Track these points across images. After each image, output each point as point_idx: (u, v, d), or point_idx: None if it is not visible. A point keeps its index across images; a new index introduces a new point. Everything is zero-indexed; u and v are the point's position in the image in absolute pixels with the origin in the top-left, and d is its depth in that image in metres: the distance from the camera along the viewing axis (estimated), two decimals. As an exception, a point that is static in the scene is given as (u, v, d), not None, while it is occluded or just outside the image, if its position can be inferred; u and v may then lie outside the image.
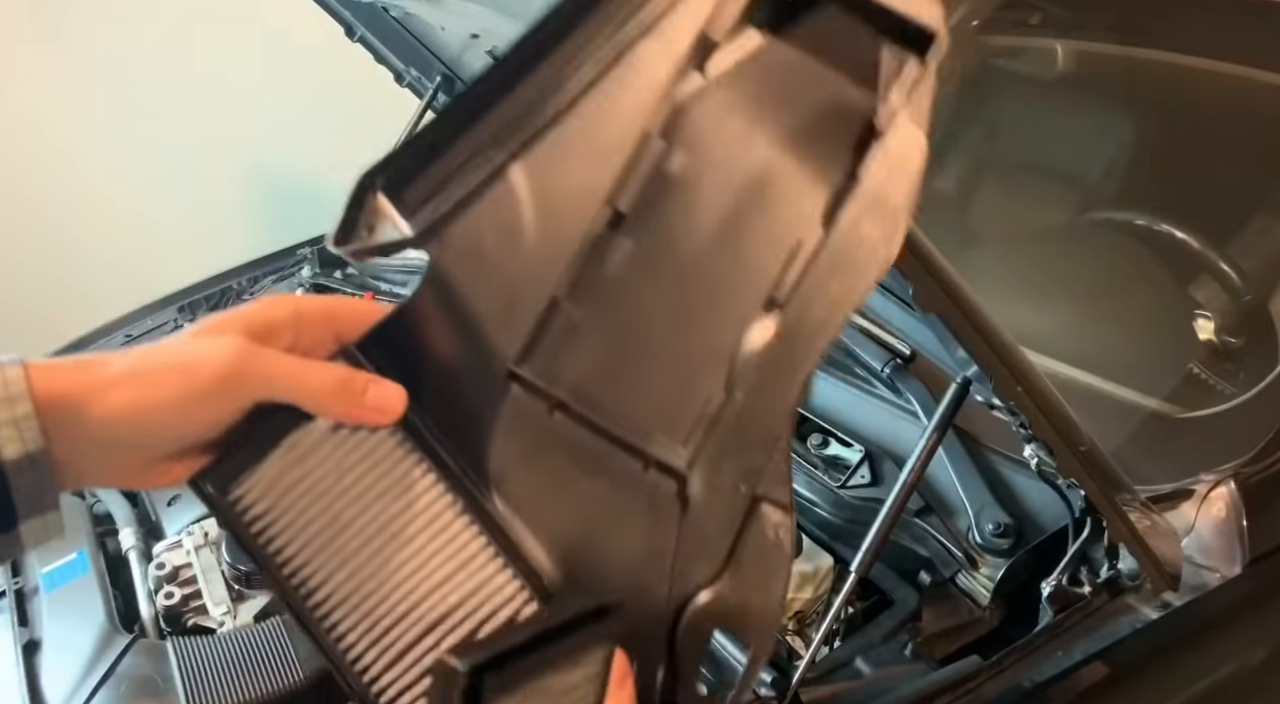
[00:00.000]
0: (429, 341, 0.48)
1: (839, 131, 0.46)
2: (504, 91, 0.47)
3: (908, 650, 0.86)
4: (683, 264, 0.47)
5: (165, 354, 0.43)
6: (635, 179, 0.46)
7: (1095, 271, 1.32)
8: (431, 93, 1.61)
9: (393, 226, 0.46)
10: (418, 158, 0.47)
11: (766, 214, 0.46)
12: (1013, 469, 0.97)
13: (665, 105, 0.45)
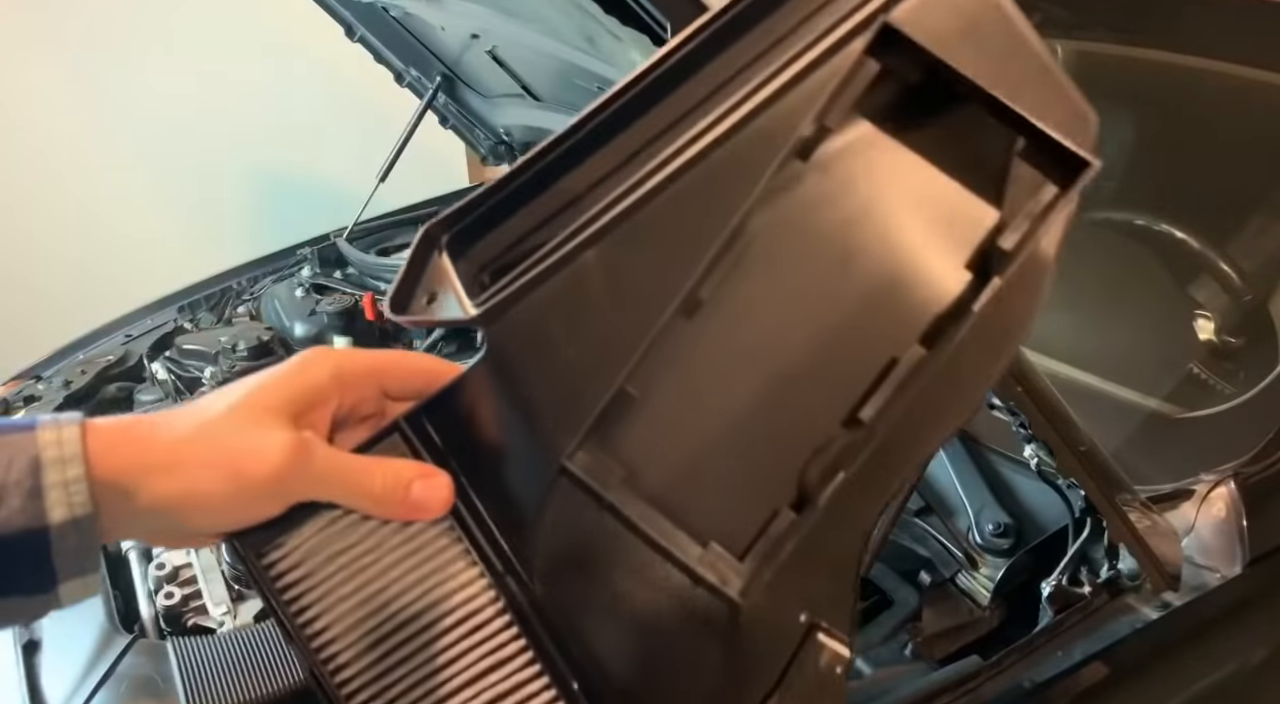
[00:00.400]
0: (482, 422, 0.45)
1: (952, 241, 0.41)
2: (588, 154, 0.42)
3: (908, 650, 0.86)
4: (759, 363, 0.42)
5: (215, 444, 0.41)
6: (720, 269, 0.41)
7: (1095, 271, 1.32)
8: (431, 93, 1.61)
9: (456, 300, 0.42)
10: (484, 218, 0.43)
11: (860, 322, 0.41)
12: (1013, 469, 0.97)
13: (766, 191, 0.40)
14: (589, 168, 0.42)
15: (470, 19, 1.19)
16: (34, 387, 1.41)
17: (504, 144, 1.72)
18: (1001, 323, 0.41)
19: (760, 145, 0.40)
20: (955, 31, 0.38)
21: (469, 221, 0.43)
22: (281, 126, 2.62)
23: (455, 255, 0.42)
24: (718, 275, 0.41)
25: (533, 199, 0.42)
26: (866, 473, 0.41)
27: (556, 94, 1.36)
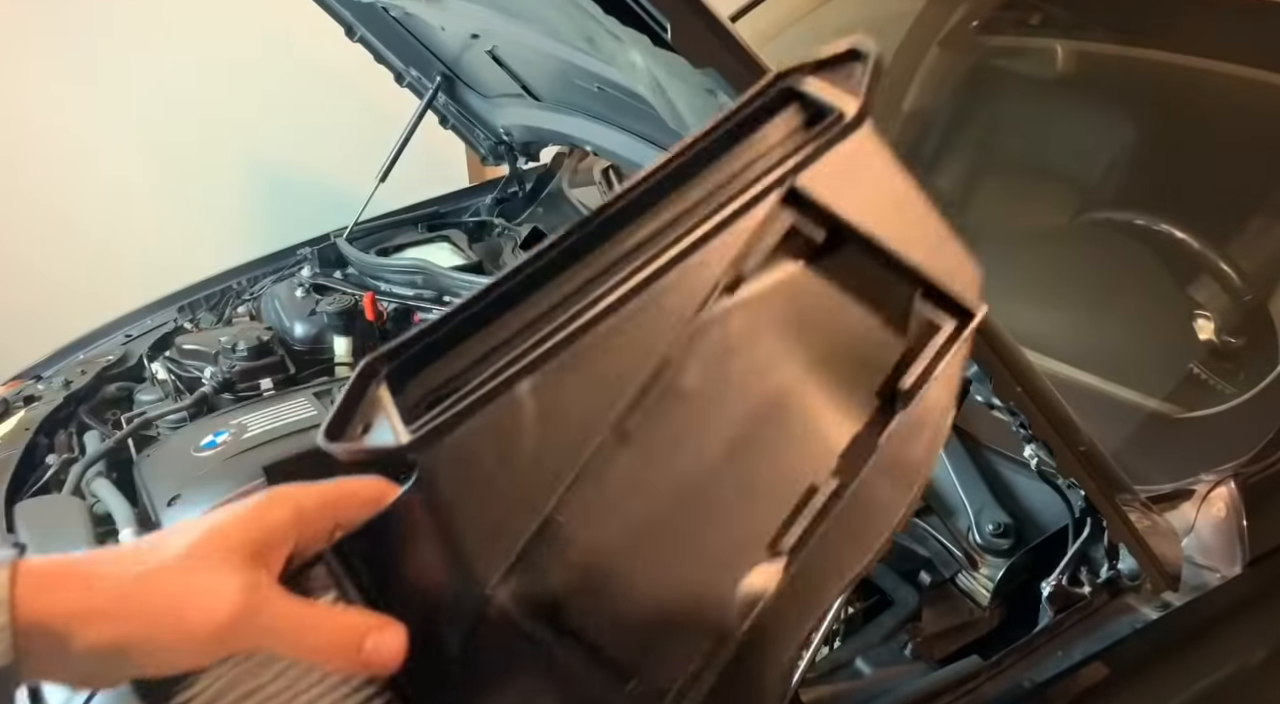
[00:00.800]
0: (409, 551, 0.45)
1: (864, 376, 0.44)
2: (523, 297, 0.44)
3: (908, 650, 0.86)
4: (685, 494, 0.44)
5: (163, 589, 0.40)
6: (648, 401, 0.43)
7: (1095, 271, 1.32)
8: (431, 93, 1.61)
9: (390, 428, 0.42)
10: (426, 352, 0.44)
11: (779, 453, 0.44)
12: (1013, 469, 0.97)
13: (689, 330, 0.43)
14: (524, 309, 0.44)
15: (470, 19, 1.19)
16: (34, 386, 1.41)
17: (504, 144, 1.72)
18: (908, 456, 0.44)
19: (683, 289, 0.43)
20: (855, 193, 0.43)
21: (407, 357, 0.44)
22: (281, 126, 2.62)
23: (394, 388, 0.44)
24: (644, 409, 0.43)
25: (470, 337, 0.44)
26: (783, 606, 0.43)
27: (556, 94, 1.36)
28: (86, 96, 2.41)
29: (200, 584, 0.40)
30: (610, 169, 1.60)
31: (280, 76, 2.55)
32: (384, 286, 1.53)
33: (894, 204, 0.44)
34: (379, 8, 1.36)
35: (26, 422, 1.30)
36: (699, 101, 0.71)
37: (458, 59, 1.52)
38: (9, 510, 1.11)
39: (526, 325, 0.44)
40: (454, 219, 1.79)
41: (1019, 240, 1.47)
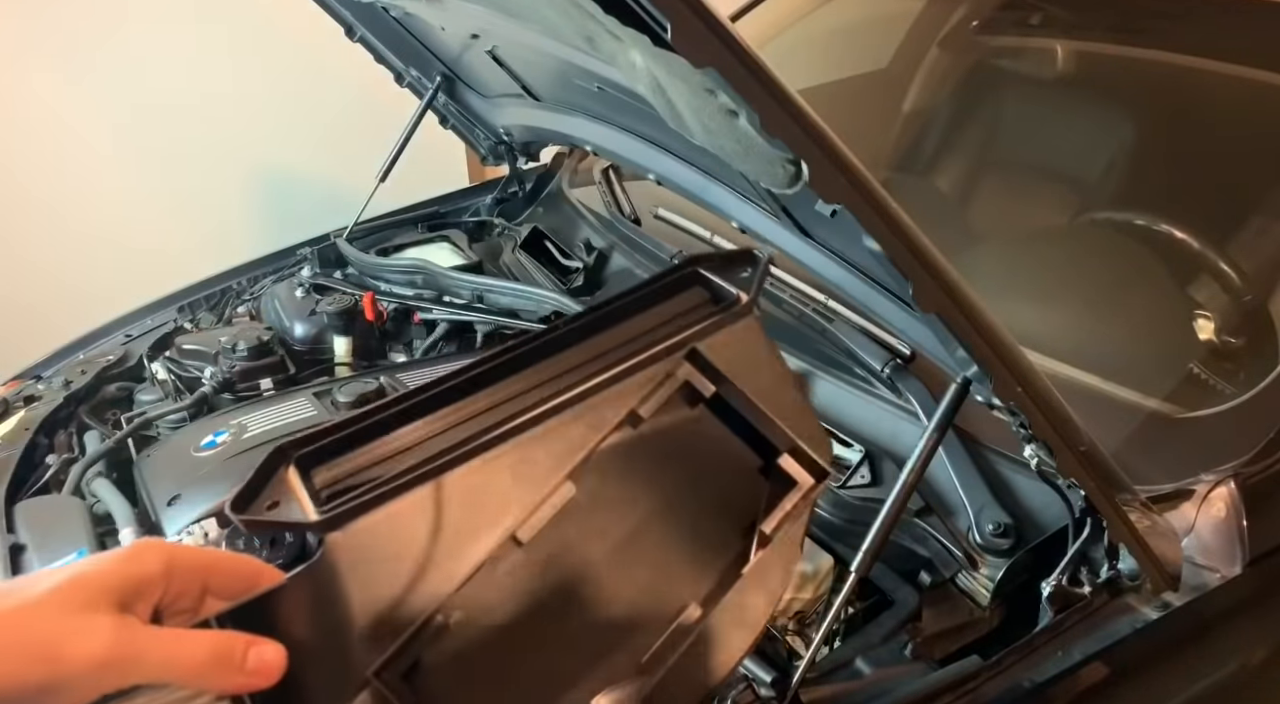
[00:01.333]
0: (296, 629, 0.46)
1: (729, 515, 0.52)
2: (437, 408, 0.50)
3: (908, 650, 0.86)
4: (566, 605, 0.48)
5: (31, 628, 0.39)
6: (541, 516, 0.48)
7: (1095, 271, 1.32)
8: (431, 93, 1.61)
9: (299, 507, 0.45)
10: (336, 445, 0.48)
11: (653, 574, 0.50)
12: (1013, 469, 0.97)
13: (590, 455, 0.50)
14: (437, 419, 0.49)
15: (470, 19, 1.19)
16: (34, 386, 1.41)
17: (504, 144, 1.72)
18: (763, 586, 0.50)
19: (590, 419, 0.50)
20: (741, 364, 0.52)
21: (317, 447, 0.48)
22: (281, 127, 2.62)
23: (302, 472, 0.47)
24: (538, 523, 0.48)
25: (379, 437, 0.49)
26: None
27: (556, 94, 1.36)
28: (86, 97, 2.41)
29: (70, 623, 0.39)
30: (610, 169, 1.60)
31: (280, 77, 2.55)
32: (384, 286, 1.53)
33: (770, 378, 0.53)
34: (379, 8, 1.36)
35: (26, 421, 1.30)
36: (699, 101, 0.71)
37: (458, 59, 1.52)
38: (9, 510, 1.11)
39: (438, 433, 0.49)
40: (454, 219, 1.79)
41: (1019, 240, 1.47)
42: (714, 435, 0.53)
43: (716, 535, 0.52)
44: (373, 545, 0.46)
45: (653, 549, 0.51)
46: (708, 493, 0.53)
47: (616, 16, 0.62)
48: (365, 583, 0.46)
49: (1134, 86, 1.49)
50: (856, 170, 0.60)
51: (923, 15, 1.78)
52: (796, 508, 0.52)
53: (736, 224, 1.13)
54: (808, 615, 0.96)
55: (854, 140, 0.61)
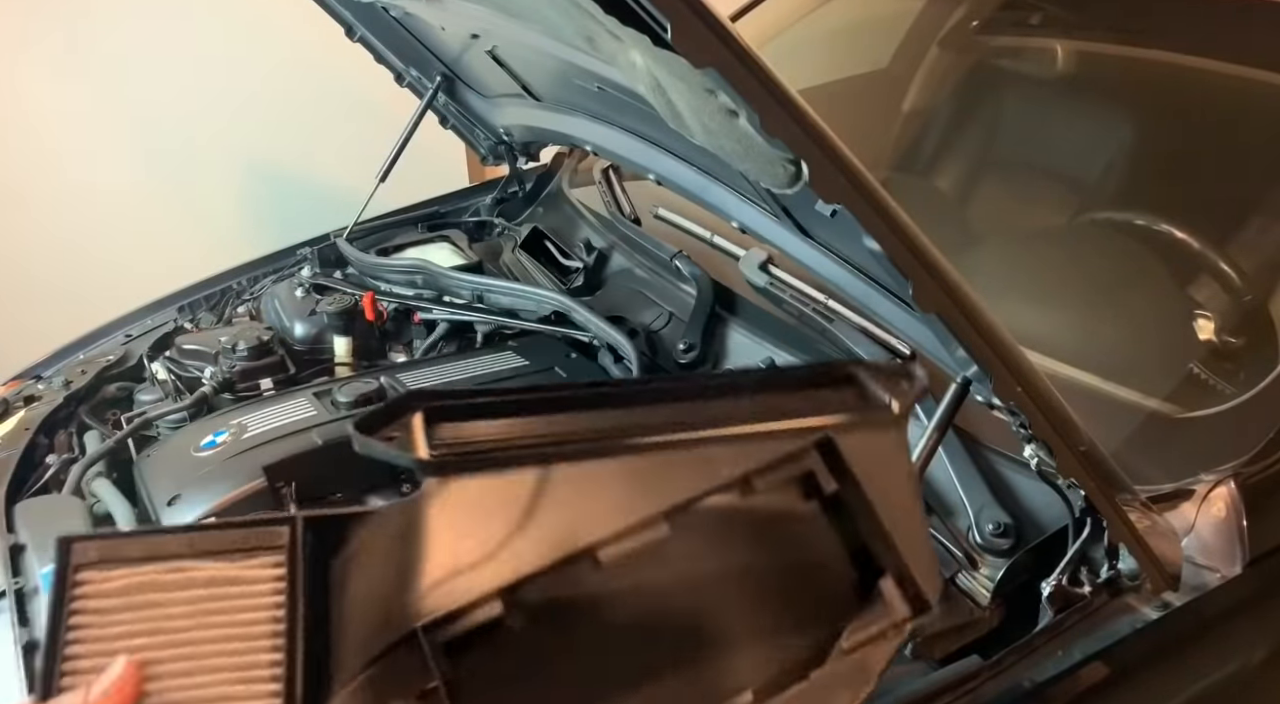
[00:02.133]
0: (366, 554, 0.46)
1: (811, 619, 0.49)
2: (568, 409, 0.49)
3: (908, 650, 0.86)
4: (619, 646, 0.47)
5: None
6: (629, 544, 0.46)
7: (1095, 271, 1.32)
8: (431, 93, 1.61)
9: (414, 445, 0.45)
10: (469, 410, 0.48)
11: (713, 652, 0.47)
12: (1013, 469, 0.97)
13: (690, 503, 0.47)
14: (571, 418, 0.48)
15: (470, 19, 1.19)
16: (34, 386, 1.41)
17: (504, 144, 1.72)
18: (826, 698, 0.48)
19: (703, 468, 0.48)
20: (873, 470, 0.48)
21: (449, 405, 0.48)
22: (282, 126, 2.62)
23: (428, 421, 0.47)
24: (623, 548, 0.45)
25: (511, 417, 0.48)
26: None
27: (556, 94, 1.36)
28: (86, 97, 2.41)
29: None
30: (610, 169, 1.60)
31: (280, 77, 2.55)
32: (384, 286, 1.53)
33: (900, 497, 0.49)
34: (379, 8, 1.36)
35: (26, 421, 1.30)
36: (699, 101, 0.71)
37: (458, 59, 1.52)
38: (9, 510, 1.11)
39: (561, 431, 0.47)
40: (454, 219, 1.79)
41: (1019, 240, 1.47)
42: (818, 533, 0.50)
43: (791, 633, 0.49)
44: (463, 505, 0.45)
45: (722, 622, 0.48)
46: (793, 587, 0.50)
47: (616, 16, 0.62)
48: (444, 538, 0.45)
49: (1134, 86, 1.49)
50: (856, 170, 0.60)
51: (923, 15, 1.78)
52: (884, 634, 0.49)
53: (736, 224, 1.13)
54: (808, 615, 0.96)
55: (854, 140, 0.61)
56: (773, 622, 0.49)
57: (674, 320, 1.30)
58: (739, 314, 1.26)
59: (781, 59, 0.59)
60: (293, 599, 0.45)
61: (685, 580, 0.48)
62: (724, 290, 1.29)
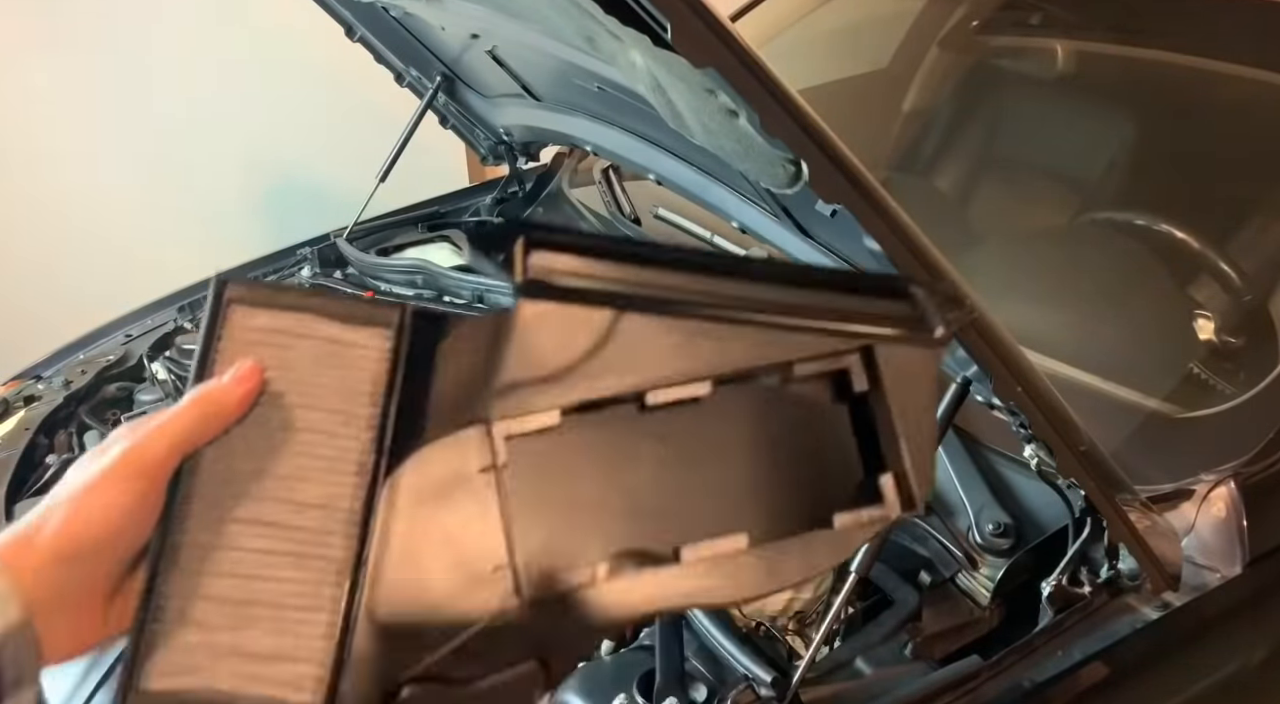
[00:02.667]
0: (455, 353, 0.53)
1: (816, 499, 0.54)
2: (663, 265, 0.53)
3: (908, 650, 0.86)
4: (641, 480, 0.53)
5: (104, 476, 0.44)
6: (674, 393, 0.52)
7: (1095, 271, 1.32)
8: (431, 93, 1.61)
9: (515, 268, 0.51)
10: (572, 244, 0.52)
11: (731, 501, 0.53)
12: (1013, 469, 0.97)
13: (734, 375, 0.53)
14: (656, 273, 0.53)
15: (470, 19, 1.19)
16: (34, 386, 1.41)
17: (504, 144, 1.72)
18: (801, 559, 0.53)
19: (752, 346, 0.53)
20: (901, 382, 0.53)
21: (558, 239, 0.52)
22: (282, 127, 2.62)
23: (529, 248, 0.52)
24: (668, 396, 0.52)
25: (605, 259, 0.52)
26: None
27: (556, 94, 1.36)
28: (86, 96, 2.41)
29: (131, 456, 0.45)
30: (610, 169, 1.60)
31: (280, 76, 2.55)
32: (384, 286, 1.53)
33: (917, 409, 0.54)
34: (379, 8, 1.36)
35: (26, 421, 1.30)
36: (699, 101, 0.71)
37: (458, 59, 1.52)
38: (9, 510, 1.11)
39: (650, 283, 0.52)
40: (454, 219, 1.79)
41: (1019, 240, 1.47)
42: (838, 427, 0.55)
43: (793, 505, 0.54)
44: (546, 327, 0.51)
45: (737, 482, 0.53)
46: (804, 469, 0.54)
47: (616, 16, 0.62)
48: (523, 351, 0.51)
49: (1134, 86, 1.49)
50: (856, 170, 0.60)
51: (923, 15, 1.78)
52: (870, 522, 0.53)
53: (736, 224, 1.13)
54: (808, 615, 0.96)
55: (854, 140, 0.61)
56: (780, 493, 0.54)
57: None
58: (739, 314, 1.26)
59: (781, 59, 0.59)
60: (394, 366, 0.52)
61: (714, 440, 0.53)
62: (724, 290, 1.29)
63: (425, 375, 0.53)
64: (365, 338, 0.53)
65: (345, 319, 0.53)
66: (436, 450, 0.52)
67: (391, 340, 0.53)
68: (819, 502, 0.54)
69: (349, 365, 0.52)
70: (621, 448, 0.53)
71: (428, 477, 0.52)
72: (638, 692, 0.80)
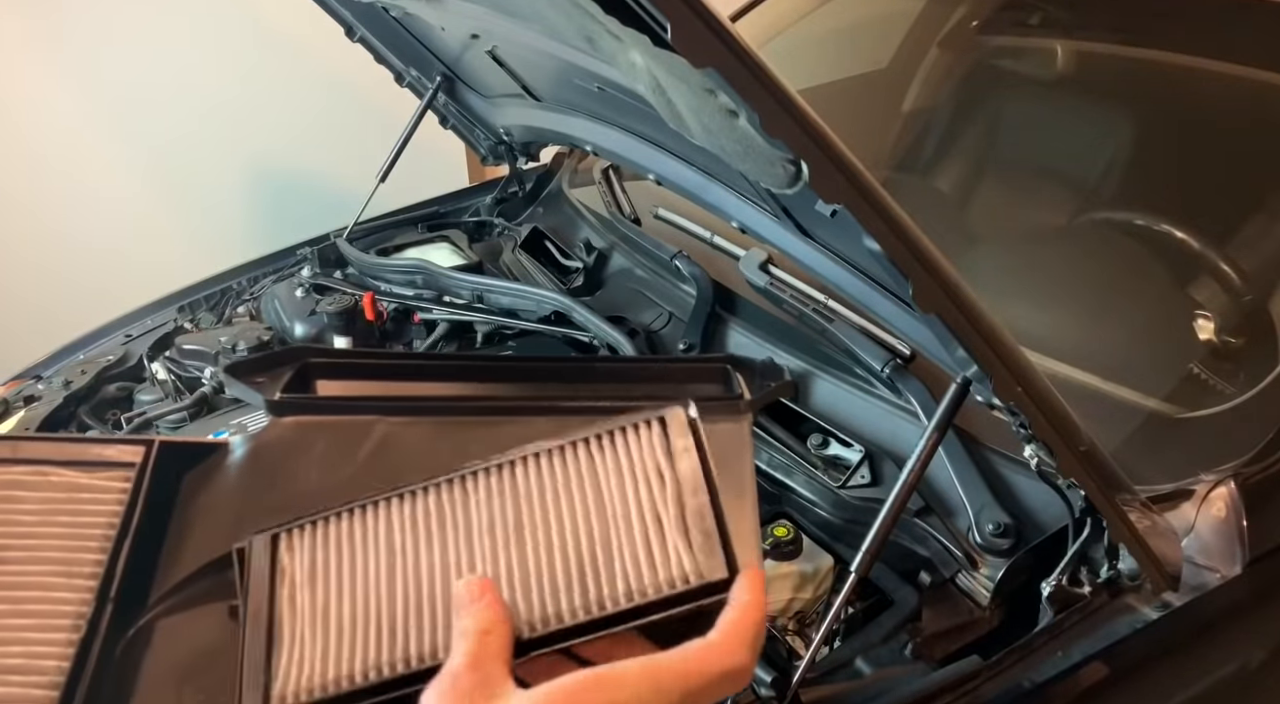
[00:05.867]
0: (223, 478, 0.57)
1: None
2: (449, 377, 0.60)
3: (908, 650, 0.86)
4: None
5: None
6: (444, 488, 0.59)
7: (1095, 271, 1.32)
8: (431, 92, 1.61)
9: (271, 389, 0.56)
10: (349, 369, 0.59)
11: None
12: (1013, 469, 0.97)
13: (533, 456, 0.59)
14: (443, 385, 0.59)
15: (470, 19, 1.19)
16: (34, 386, 1.41)
17: (504, 144, 1.72)
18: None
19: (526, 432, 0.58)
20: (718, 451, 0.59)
21: (330, 364, 0.59)
22: (281, 126, 2.62)
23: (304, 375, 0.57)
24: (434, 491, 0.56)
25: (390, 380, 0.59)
26: None
27: (556, 94, 1.36)
28: (85, 97, 2.41)
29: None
30: (610, 169, 1.60)
31: (280, 77, 2.55)
32: (384, 286, 1.53)
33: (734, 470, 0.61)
34: (379, 8, 1.36)
35: (26, 421, 1.30)
36: (699, 101, 0.71)
37: (458, 59, 1.52)
38: (9, 510, 1.11)
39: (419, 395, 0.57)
40: (454, 219, 1.79)
41: (1019, 240, 1.47)
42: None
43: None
44: (297, 442, 0.55)
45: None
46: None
47: (616, 16, 0.62)
48: (273, 467, 0.55)
49: (1134, 86, 1.49)
50: (856, 170, 0.60)
51: (923, 15, 1.78)
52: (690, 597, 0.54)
53: (736, 224, 1.13)
54: (808, 615, 0.96)
55: (854, 140, 0.61)
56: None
57: (674, 320, 1.30)
58: (739, 314, 1.26)
59: (781, 59, 0.59)
60: (130, 508, 0.52)
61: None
62: (724, 290, 1.29)
63: (172, 513, 0.53)
64: (103, 481, 0.53)
65: (85, 465, 0.52)
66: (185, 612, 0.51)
67: (132, 481, 0.52)
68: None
69: (81, 512, 0.51)
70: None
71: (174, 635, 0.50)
72: (638, 692, 0.80)
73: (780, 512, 1.02)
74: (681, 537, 0.54)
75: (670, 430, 0.57)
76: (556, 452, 0.56)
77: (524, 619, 0.52)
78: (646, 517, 0.55)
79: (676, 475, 0.56)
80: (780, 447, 1.07)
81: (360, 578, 0.52)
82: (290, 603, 0.50)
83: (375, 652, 0.50)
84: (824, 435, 1.07)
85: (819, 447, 1.06)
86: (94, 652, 0.48)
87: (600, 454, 0.57)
